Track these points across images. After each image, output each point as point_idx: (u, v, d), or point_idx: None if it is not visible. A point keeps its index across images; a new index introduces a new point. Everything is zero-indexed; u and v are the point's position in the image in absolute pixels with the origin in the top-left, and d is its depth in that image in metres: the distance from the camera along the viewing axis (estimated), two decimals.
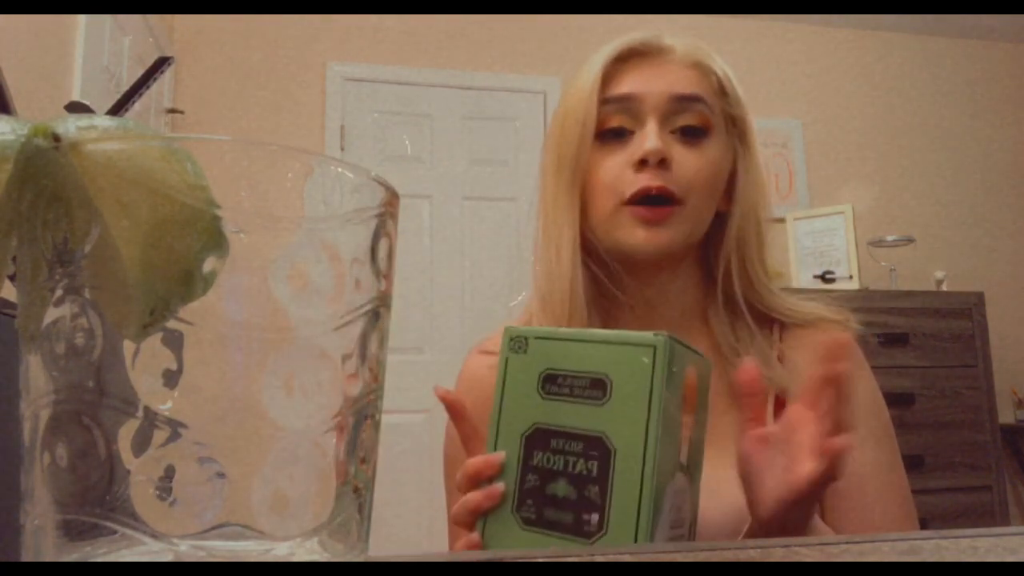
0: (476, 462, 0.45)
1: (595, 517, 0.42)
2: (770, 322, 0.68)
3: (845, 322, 0.69)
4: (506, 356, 0.47)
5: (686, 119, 0.63)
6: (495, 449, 0.46)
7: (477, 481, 0.45)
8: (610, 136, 0.64)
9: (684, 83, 0.64)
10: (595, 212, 0.65)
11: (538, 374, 0.45)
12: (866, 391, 0.67)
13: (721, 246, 0.67)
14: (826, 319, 0.68)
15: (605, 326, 0.67)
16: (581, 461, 0.43)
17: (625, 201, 0.62)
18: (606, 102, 0.64)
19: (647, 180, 0.60)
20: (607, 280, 0.66)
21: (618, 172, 0.63)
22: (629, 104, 0.63)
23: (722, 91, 0.67)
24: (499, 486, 0.44)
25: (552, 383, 0.45)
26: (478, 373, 0.69)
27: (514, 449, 0.45)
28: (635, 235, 0.61)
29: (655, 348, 0.42)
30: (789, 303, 0.68)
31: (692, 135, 0.63)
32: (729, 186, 0.68)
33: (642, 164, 0.61)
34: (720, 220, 0.68)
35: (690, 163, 0.62)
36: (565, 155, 0.65)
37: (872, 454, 0.63)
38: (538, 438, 0.44)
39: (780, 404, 0.65)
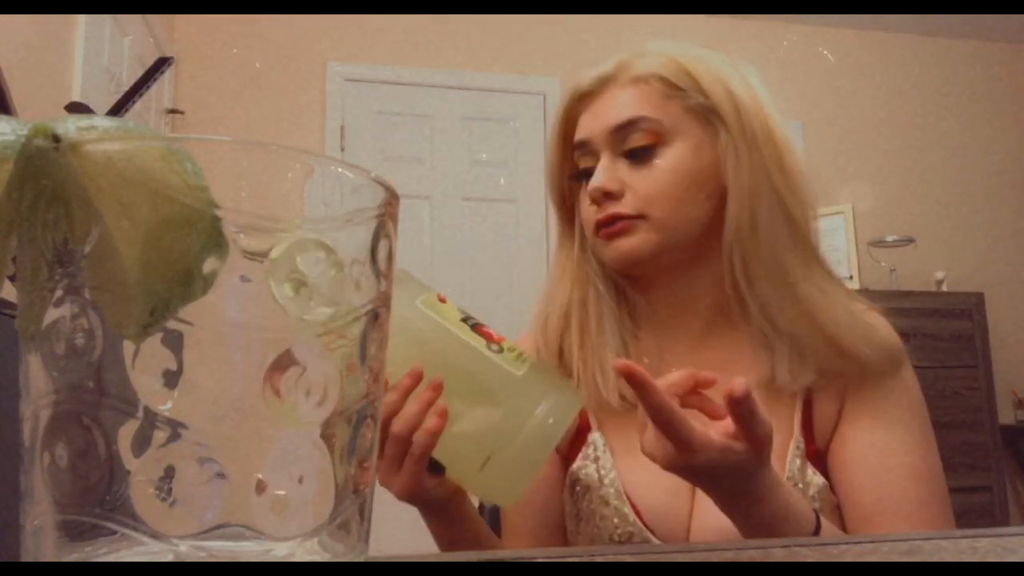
0: None
1: None
2: None
3: None
4: None
5: (631, 142, 0.66)
6: None
7: None
8: (582, 176, 0.70)
9: (621, 110, 0.66)
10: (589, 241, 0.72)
11: None
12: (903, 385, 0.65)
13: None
14: None
15: (623, 339, 0.70)
16: None
17: (594, 231, 0.68)
18: (574, 148, 0.71)
19: (596, 214, 0.67)
20: (628, 292, 0.72)
21: (586, 208, 0.69)
22: (586, 147, 0.69)
23: (673, 89, 0.65)
24: None
25: None
26: None
27: None
28: (607, 252, 0.67)
29: None
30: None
31: (640, 155, 0.66)
32: (722, 178, 0.65)
33: (593, 201, 0.67)
34: (721, 217, 0.65)
35: (642, 183, 0.65)
36: (552, 198, 0.77)
37: (886, 436, 0.62)
38: None
39: (807, 406, 0.65)
